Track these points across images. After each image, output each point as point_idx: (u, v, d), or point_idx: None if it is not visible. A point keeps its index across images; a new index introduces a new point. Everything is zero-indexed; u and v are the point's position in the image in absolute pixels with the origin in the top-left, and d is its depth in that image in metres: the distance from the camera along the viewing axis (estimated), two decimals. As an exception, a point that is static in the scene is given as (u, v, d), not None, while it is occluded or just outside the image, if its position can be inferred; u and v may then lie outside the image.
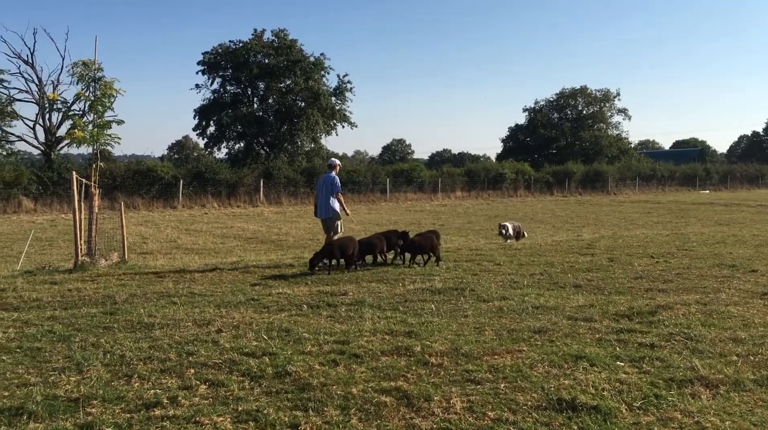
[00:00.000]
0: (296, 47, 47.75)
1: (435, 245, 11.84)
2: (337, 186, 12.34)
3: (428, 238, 12.01)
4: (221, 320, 7.36)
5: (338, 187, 12.38)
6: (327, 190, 12.33)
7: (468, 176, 46.25)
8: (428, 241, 11.89)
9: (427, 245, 11.79)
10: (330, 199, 12.24)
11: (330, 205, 12.25)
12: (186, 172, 35.36)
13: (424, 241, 11.89)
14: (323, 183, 12.52)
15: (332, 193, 12.23)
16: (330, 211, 12.29)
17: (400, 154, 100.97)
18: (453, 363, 5.63)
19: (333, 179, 12.34)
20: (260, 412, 4.52)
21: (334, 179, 12.37)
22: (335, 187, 12.30)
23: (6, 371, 5.50)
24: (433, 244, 11.82)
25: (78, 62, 11.51)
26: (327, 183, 12.40)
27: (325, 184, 12.42)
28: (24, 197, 29.33)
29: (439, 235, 12.60)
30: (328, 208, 12.31)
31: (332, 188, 12.26)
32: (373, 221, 26.45)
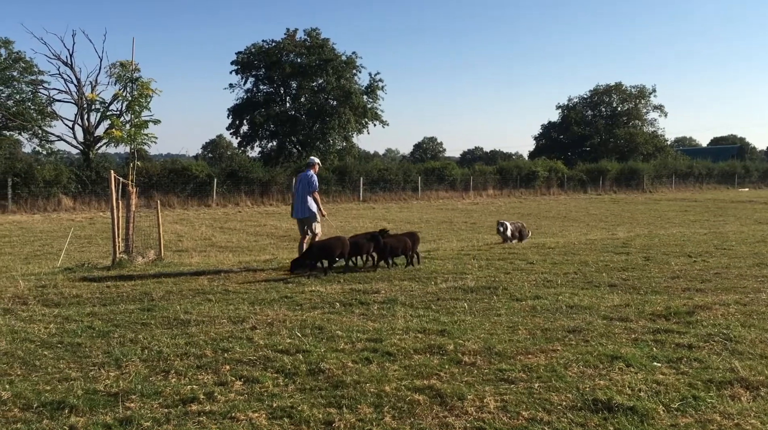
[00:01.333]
0: (328, 46, 47.98)
1: (408, 246, 11.35)
2: (314, 185, 11.85)
3: (401, 240, 11.47)
4: (255, 317, 7.44)
5: (315, 185, 11.88)
6: (304, 190, 11.85)
7: (500, 174, 45.94)
8: (401, 242, 11.37)
9: (399, 246, 11.31)
10: (307, 199, 11.78)
11: (307, 205, 11.78)
12: (220, 170, 35.79)
13: (396, 243, 11.36)
14: (300, 182, 12.03)
15: (309, 192, 11.77)
16: (306, 211, 11.81)
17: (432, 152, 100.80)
18: (486, 362, 5.61)
19: (310, 178, 11.88)
20: (294, 409, 4.57)
21: (312, 178, 11.90)
22: (312, 185, 11.81)
23: (48, 365, 5.65)
24: (405, 245, 11.34)
25: (116, 63, 11.75)
26: (304, 182, 11.92)
27: (302, 183, 11.94)
28: (64, 196, 29.99)
29: (417, 238, 11.90)
30: (304, 208, 11.83)
31: (309, 187, 11.80)
32: (404, 219, 26.46)
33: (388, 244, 11.16)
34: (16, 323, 7.16)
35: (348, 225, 23.40)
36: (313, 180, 11.84)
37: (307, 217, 11.80)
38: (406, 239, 11.45)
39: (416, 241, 11.75)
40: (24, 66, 40.03)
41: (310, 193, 11.72)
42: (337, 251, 10.75)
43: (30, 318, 7.45)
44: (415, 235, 11.97)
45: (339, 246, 10.81)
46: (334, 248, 10.77)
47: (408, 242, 11.39)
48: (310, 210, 11.75)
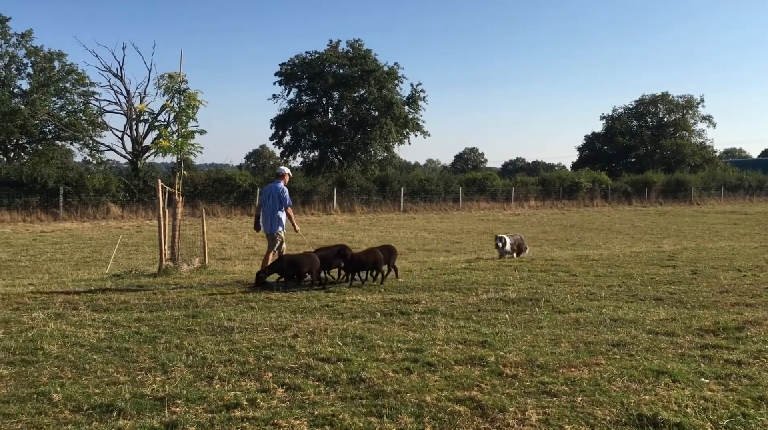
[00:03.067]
0: (370, 57, 48.32)
1: (378, 259, 10.77)
2: (286, 200, 11.32)
3: (370, 254, 10.98)
4: (297, 325, 7.53)
5: (288, 201, 11.35)
6: (274, 203, 11.27)
7: (542, 185, 45.45)
8: (370, 257, 10.86)
9: (368, 261, 10.79)
10: (276, 213, 11.26)
11: (276, 220, 11.28)
12: (263, 180, 36.20)
13: (365, 257, 10.87)
14: (269, 194, 11.41)
15: (280, 206, 11.26)
16: (276, 225, 11.30)
17: (473, 162, 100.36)
18: (528, 374, 5.56)
19: (281, 191, 11.29)
20: (336, 417, 4.60)
21: (283, 192, 11.30)
22: (284, 200, 11.28)
23: (97, 369, 5.80)
24: (376, 258, 10.78)
25: (164, 75, 12.04)
26: (274, 195, 11.31)
27: (272, 196, 11.32)
28: (112, 204, 30.78)
29: (393, 251, 11.37)
30: (274, 222, 11.31)
31: (280, 202, 11.27)
32: (445, 229, 26.39)
33: (356, 258, 10.74)
34: (67, 328, 7.38)
35: (388, 235, 23.45)
36: (285, 195, 11.28)
37: (276, 232, 11.31)
38: (376, 253, 10.93)
39: (392, 254, 11.27)
40: (76, 78, 41.37)
41: (283, 209, 11.26)
42: (306, 267, 10.36)
43: (80, 323, 7.67)
44: (392, 248, 11.49)
45: (308, 262, 10.41)
46: (302, 263, 10.40)
47: (379, 255, 10.85)
48: (280, 224, 11.29)
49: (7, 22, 39.70)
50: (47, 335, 6.96)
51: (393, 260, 11.27)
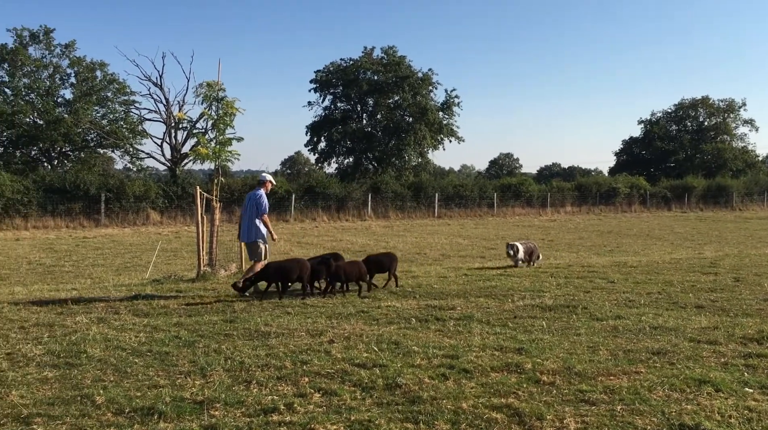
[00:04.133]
0: (404, 63, 48.42)
1: (363, 272, 10.38)
2: (263, 206, 10.87)
3: (356, 264, 10.57)
4: (333, 330, 7.57)
5: (264, 208, 10.89)
6: (251, 211, 10.93)
7: (578, 191, 44.89)
8: (355, 267, 10.44)
9: (353, 271, 10.37)
10: (254, 221, 10.87)
11: (254, 228, 10.88)
12: (298, 186, 36.56)
13: (350, 267, 10.44)
14: (248, 202, 11.07)
15: (258, 214, 10.87)
16: (254, 234, 10.88)
17: (508, 168, 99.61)
18: (566, 382, 5.50)
19: (259, 198, 10.89)
20: (372, 422, 4.61)
21: (261, 198, 10.90)
22: (261, 207, 10.85)
23: (138, 373, 5.92)
24: (360, 271, 10.39)
25: (203, 83, 12.24)
26: (252, 202, 10.96)
27: (251, 204, 10.98)
28: (152, 210, 31.38)
29: (393, 259, 11.07)
30: (251, 230, 10.91)
31: (258, 209, 10.87)
32: (480, 235, 26.25)
33: (342, 268, 10.33)
34: (109, 332, 7.55)
35: (423, 241, 23.43)
36: (262, 201, 10.88)
37: (254, 241, 10.90)
38: (360, 265, 10.53)
39: (393, 262, 11.01)
40: (117, 87, 42.36)
41: (259, 216, 10.86)
42: (295, 274, 10.02)
43: (121, 327, 7.83)
44: (392, 256, 11.27)
45: (296, 269, 10.04)
46: (291, 270, 10.03)
47: (363, 268, 10.44)
48: (259, 233, 10.87)
49: (51, 34, 40.87)
50: (90, 339, 7.13)
51: (394, 267, 11.03)
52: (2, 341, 7.11)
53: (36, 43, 40.65)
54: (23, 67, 40.03)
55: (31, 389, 5.41)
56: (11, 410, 4.91)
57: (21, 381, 5.64)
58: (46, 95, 40.55)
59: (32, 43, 40.52)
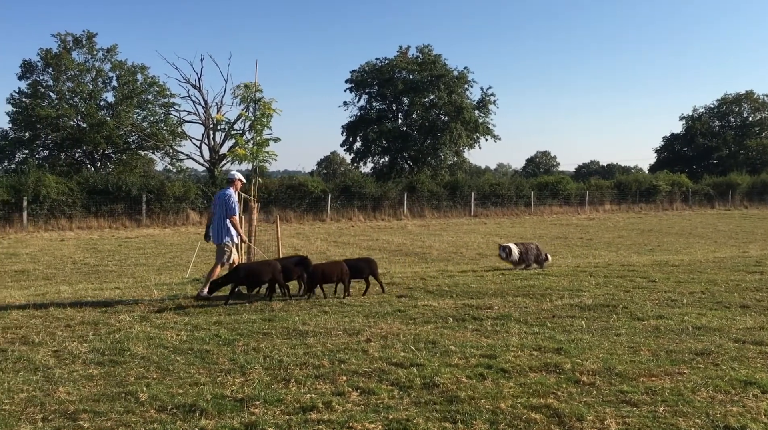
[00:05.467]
0: (440, 62, 48.25)
1: (344, 272, 10.06)
2: (231, 208, 10.43)
3: (336, 265, 10.29)
4: (370, 329, 7.60)
5: (233, 209, 10.44)
6: (221, 211, 10.54)
7: (618, 188, 44.14)
8: (336, 268, 10.16)
9: (333, 273, 10.09)
10: (224, 222, 10.50)
11: (223, 229, 10.52)
12: (334, 186, 36.72)
13: (330, 269, 10.18)
14: (217, 201, 10.69)
15: (227, 215, 10.49)
16: (223, 235, 10.51)
17: (545, 166, 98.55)
18: (606, 383, 5.43)
19: (228, 198, 10.48)
20: (410, 421, 4.62)
21: (230, 198, 10.48)
22: (229, 208, 10.43)
23: (180, 370, 6.03)
24: (342, 271, 10.08)
25: (240, 85, 12.34)
26: (221, 202, 10.55)
27: (220, 203, 10.58)
28: (191, 211, 31.86)
29: (372, 263, 10.71)
30: (221, 231, 10.53)
31: (226, 209, 10.47)
32: (517, 234, 26.02)
33: (320, 269, 10.10)
34: (151, 330, 7.71)
35: (459, 240, 23.34)
36: (231, 202, 10.46)
37: (225, 242, 10.55)
38: (341, 265, 10.24)
39: (372, 266, 10.59)
40: (158, 90, 43.13)
41: (228, 217, 10.49)
42: (266, 276, 9.69)
43: (163, 325, 7.99)
44: (371, 260, 10.94)
45: (268, 271, 9.70)
46: (262, 272, 9.72)
47: (344, 268, 10.16)
48: (227, 235, 10.52)
49: (93, 38, 41.82)
50: (133, 337, 7.29)
51: (375, 272, 10.56)
52: (49, 338, 7.32)
53: (79, 47, 41.62)
54: (67, 72, 41.03)
55: (77, 386, 5.56)
56: (59, 406, 5.06)
57: (67, 378, 5.80)
58: (89, 99, 41.52)
59: (75, 48, 41.50)
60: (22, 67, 41.12)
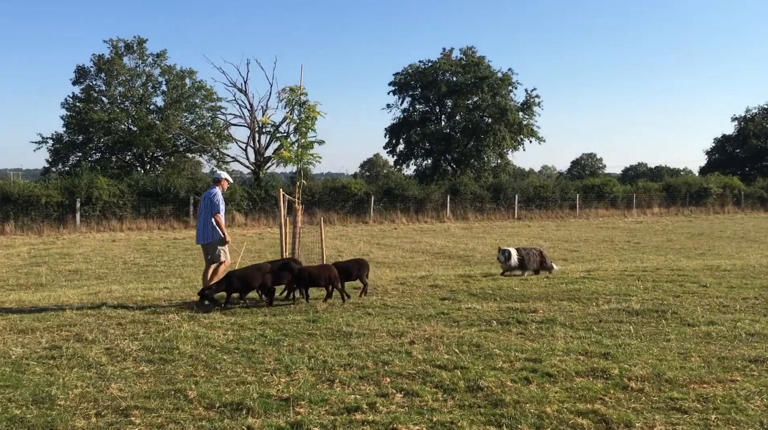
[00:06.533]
0: (484, 64, 47.97)
1: (333, 275, 9.83)
2: (216, 206, 10.31)
3: (325, 268, 10.08)
4: (413, 332, 7.60)
5: (218, 207, 10.32)
6: (206, 211, 10.40)
7: (666, 191, 43.15)
8: (323, 271, 9.93)
9: (321, 275, 9.86)
10: (209, 222, 10.32)
11: (209, 229, 10.34)
12: (377, 188, 36.82)
13: (317, 271, 9.94)
14: (203, 201, 10.57)
15: (211, 214, 10.33)
16: (209, 235, 10.35)
17: (590, 168, 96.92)
18: (655, 389, 5.32)
19: (213, 197, 10.37)
20: (454, 424, 4.61)
21: (215, 197, 10.37)
22: (214, 207, 10.31)
23: (227, 369, 6.14)
24: (330, 275, 9.83)
25: (285, 88, 12.51)
26: (206, 201, 10.45)
27: (205, 203, 10.48)
28: (236, 212, 32.37)
29: (363, 265, 10.59)
30: (206, 232, 10.36)
31: (211, 208, 10.34)
32: (561, 237, 25.67)
33: (306, 272, 9.87)
34: (199, 329, 7.86)
35: (503, 243, 23.13)
36: (216, 200, 10.35)
37: (210, 242, 10.38)
38: (330, 268, 10.05)
39: (363, 268, 10.47)
40: (205, 94, 43.97)
41: (213, 215, 10.33)
42: (257, 281, 9.58)
43: (210, 325, 8.14)
44: (362, 262, 10.80)
45: (258, 276, 9.59)
46: (252, 278, 9.60)
47: (333, 271, 9.92)
48: (214, 235, 10.34)
49: (144, 44, 42.89)
50: (182, 336, 7.45)
51: (364, 274, 10.46)
52: (102, 336, 7.53)
53: (130, 53, 42.71)
54: (118, 77, 42.16)
55: (129, 383, 5.71)
56: (111, 402, 5.21)
57: (119, 375, 5.96)
58: (140, 103, 42.58)
59: (127, 54, 42.59)
60: (76, 73, 42.46)
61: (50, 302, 10.12)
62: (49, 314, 8.91)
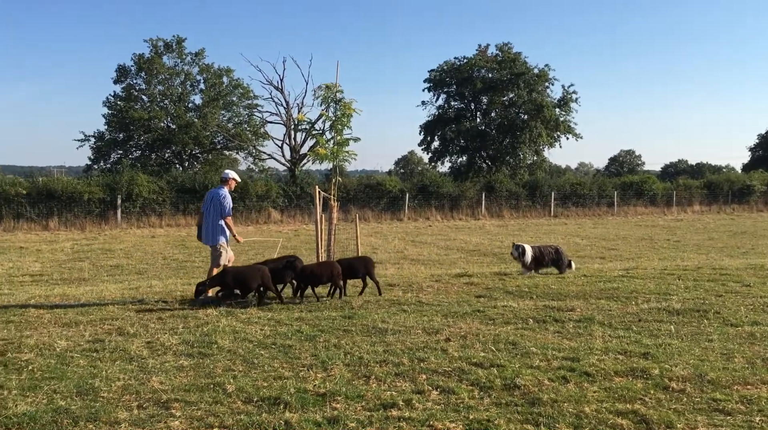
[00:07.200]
0: (520, 60, 47.49)
1: (336, 273, 9.75)
2: (225, 208, 10.15)
3: (327, 265, 9.97)
4: (449, 329, 7.58)
5: (228, 209, 10.18)
6: (215, 211, 10.21)
7: (708, 189, 42.22)
8: (325, 270, 9.82)
9: (323, 274, 9.76)
10: (217, 223, 10.20)
11: (218, 230, 10.22)
12: (411, 185, 36.80)
13: (319, 270, 9.84)
14: (211, 201, 10.33)
15: (221, 215, 10.20)
16: (218, 237, 10.23)
17: (629, 165, 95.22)
18: (697, 390, 5.22)
19: (222, 198, 10.17)
20: (491, 422, 4.59)
21: (224, 198, 10.18)
22: (224, 209, 10.15)
23: (264, 364, 6.21)
24: (333, 271, 9.75)
25: (321, 86, 12.58)
26: (215, 202, 10.22)
27: (213, 204, 10.25)
28: (272, 209, 32.70)
29: (369, 262, 10.42)
30: (215, 233, 10.24)
31: (221, 210, 10.18)
32: (599, 235, 25.32)
33: (308, 271, 9.76)
34: (236, 324, 7.97)
35: (539, 240, 22.91)
36: (226, 202, 10.17)
37: (218, 243, 10.28)
38: (333, 265, 9.93)
39: (369, 266, 10.30)
40: (242, 92, 44.52)
41: (223, 218, 10.20)
42: (255, 281, 9.36)
43: (248, 320, 8.24)
44: (368, 259, 10.63)
45: (257, 276, 9.38)
46: (250, 277, 9.39)
47: (336, 268, 9.85)
48: (221, 236, 10.24)
49: (183, 43, 43.56)
50: (220, 331, 7.55)
51: (371, 272, 10.28)
52: (143, 330, 7.69)
53: (169, 52, 43.44)
54: (158, 75, 42.93)
55: (169, 376, 5.82)
56: (152, 394, 5.31)
57: (160, 368, 6.08)
58: (178, 101, 43.31)
59: (166, 53, 43.34)
60: (117, 72, 43.39)
61: (93, 297, 10.37)
62: (91, 308, 9.13)
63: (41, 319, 8.39)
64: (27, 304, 9.56)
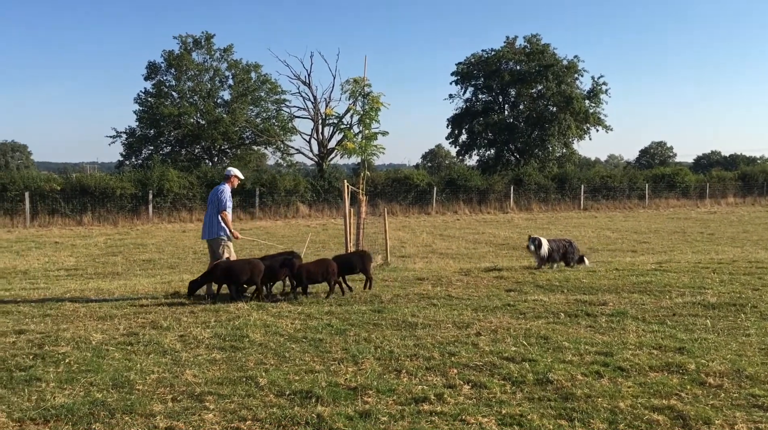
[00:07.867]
0: (548, 52, 46.93)
1: (331, 271, 9.60)
2: (222, 203, 10.10)
3: (322, 263, 9.83)
4: (479, 323, 7.54)
5: (224, 204, 10.10)
6: (212, 207, 10.24)
7: (742, 180, 41.35)
8: (321, 267, 9.69)
9: (319, 271, 9.62)
10: (215, 218, 10.15)
11: (215, 226, 10.13)
12: (439, 179, 36.68)
13: (315, 267, 9.69)
14: (211, 197, 10.41)
15: (218, 210, 10.13)
16: (214, 232, 10.14)
17: (660, 157, 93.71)
18: (735, 386, 5.12)
19: (220, 193, 10.15)
20: (524, 417, 4.56)
21: (222, 193, 10.15)
22: (221, 203, 10.10)
23: (295, 357, 6.25)
24: (328, 270, 9.62)
25: (349, 80, 12.59)
26: (213, 198, 10.28)
27: (212, 199, 10.31)
28: (300, 204, 32.87)
29: (367, 257, 10.34)
30: (212, 228, 10.17)
31: (218, 205, 10.14)
32: (630, 228, 24.96)
33: (305, 268, 9.64)
34: (267, 318, 8.02)
35: (568, 234, 22.67)
36: (223, 197, 10.14)
37: (214, 238, 10.16)
38: (329, 263, 9.79)
39: (366, 260, 10.20)
40: (270, 87, 44.74)
41: (219, 212, 10.12)
42: (245, 275, 9.26)
43: (279, 314, 8.30)
44: (365, 254, 10.51)
45: (247, 270, 9.27)
46: (240, 271, 9.28)
47: (332, 266, 9.70)
48: (218, 231, 10.13)
49: (211, 39, 43.92)
50: (251, 324, 7.61)
51: (368, 267, 10.21)
52: (175, 323, 7.78)
53: (198, 48, 43.84)
54: (187, 72, 43.37)
55: (203, 369, 5.88)
56: (186, 387, 5.38)
57: (193, 361, 6.15)
58: (208, 97, 43.70)
59: (195, 49, 43.73)
60: (147, 68, 43.90)
61: (126, 291, 10.53)
62: (125, 302, 9.28)
63: (77, 312, 8.55)
64: (63, 298, 9.75)
